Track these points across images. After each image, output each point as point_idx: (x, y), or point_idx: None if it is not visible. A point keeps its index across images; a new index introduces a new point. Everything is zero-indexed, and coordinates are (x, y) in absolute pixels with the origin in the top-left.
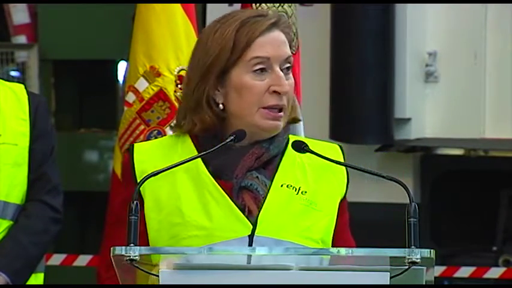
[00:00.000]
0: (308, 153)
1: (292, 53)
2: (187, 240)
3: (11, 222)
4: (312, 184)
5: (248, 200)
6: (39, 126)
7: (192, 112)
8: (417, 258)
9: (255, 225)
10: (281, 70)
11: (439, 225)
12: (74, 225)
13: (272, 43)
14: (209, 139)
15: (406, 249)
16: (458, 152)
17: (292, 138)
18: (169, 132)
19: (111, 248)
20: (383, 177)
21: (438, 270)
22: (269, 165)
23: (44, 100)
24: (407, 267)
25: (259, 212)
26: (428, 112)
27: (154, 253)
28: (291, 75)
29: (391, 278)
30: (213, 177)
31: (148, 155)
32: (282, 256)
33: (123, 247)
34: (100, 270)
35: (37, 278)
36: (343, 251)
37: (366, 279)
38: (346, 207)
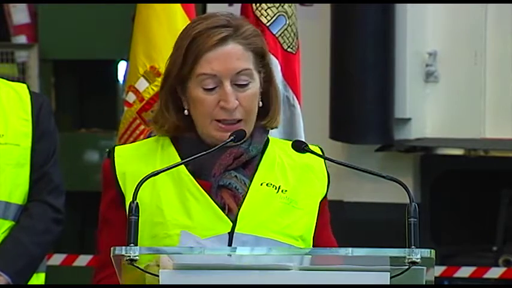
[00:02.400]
0: (289, 154)
1: (292, 53)
2: (168, 239)
3: (13, 223)
4: (293, 183)
5: (227, 198)
6: (42, 127)
7: (162, 114)
8: (417, 258)
9: (234, 222)
10: (235, 84)
11: (439, 225)
12: (74, 226)
13: (220, 58)
14: (188, 140)
15: (406, 249)
16: (459, 152)
17: (272, 140)
18: None
19: (111, 248)
20: (383, 177)
21: (438, 270)
22: (249, 165)
23: (47, 100)
24: (407, 267)
25: (238, 209)
26: (428, 112)
27: (154, 253)
28: (249, 86)
29: (391, 278)
30: (193, 176)
31: (128, 157)
32: (279, 256)
33: (123, 247)
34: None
35: (38, 278)
36: (342, 251)
37: (366, 279)
38: (326, 207)
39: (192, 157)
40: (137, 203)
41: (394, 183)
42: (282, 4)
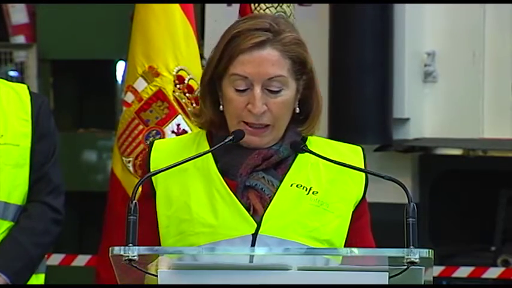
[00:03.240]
0: (327, 154)
1: None
2: (194, 237)
3: (12, 223)
4: (325, 185)
5: (253, 199)
6: (42, 127)
7: (200, 106)
8: (416, 258)
9: (259, 224)
10: (266, 89)
11: (438, 225)
12: (73, 226)
13: (254, 62)
14: (221, 138)
15: (405, 249)
16: (457, 152)
17: (311, 139)
18: (168, 132)
19: (110, 248)
20: (382, 177)
21: (437, 270)
22: (281, 165)
23: (47, 100)
24: (406, 267)
25: (264, 211)
26: (427, 112)
27: (153, 253)
28: (281, 93)
29: (389, 278)
30: (221, 175)
31: (163, 152)
32: (281, 256)
33: (122, 247)
34: (100, 270)
35: (38, 279)
36: (343, 251)
37: (365, 279)
38: (365, 209)
39: (194, 156)
40: (136, 203)
41: (393, 183)
42: (281, 4)
